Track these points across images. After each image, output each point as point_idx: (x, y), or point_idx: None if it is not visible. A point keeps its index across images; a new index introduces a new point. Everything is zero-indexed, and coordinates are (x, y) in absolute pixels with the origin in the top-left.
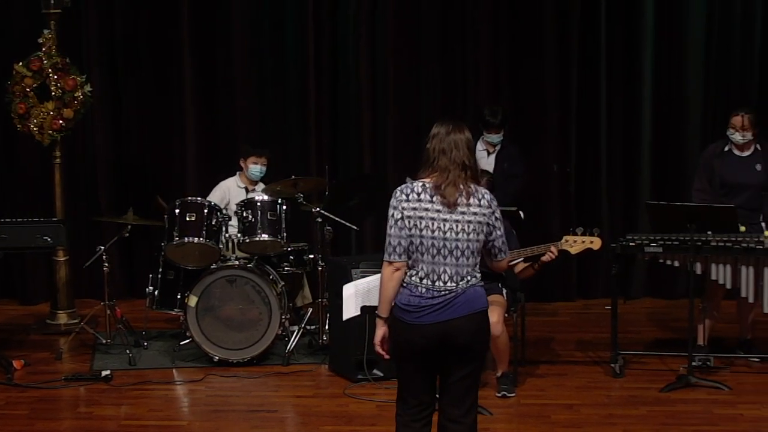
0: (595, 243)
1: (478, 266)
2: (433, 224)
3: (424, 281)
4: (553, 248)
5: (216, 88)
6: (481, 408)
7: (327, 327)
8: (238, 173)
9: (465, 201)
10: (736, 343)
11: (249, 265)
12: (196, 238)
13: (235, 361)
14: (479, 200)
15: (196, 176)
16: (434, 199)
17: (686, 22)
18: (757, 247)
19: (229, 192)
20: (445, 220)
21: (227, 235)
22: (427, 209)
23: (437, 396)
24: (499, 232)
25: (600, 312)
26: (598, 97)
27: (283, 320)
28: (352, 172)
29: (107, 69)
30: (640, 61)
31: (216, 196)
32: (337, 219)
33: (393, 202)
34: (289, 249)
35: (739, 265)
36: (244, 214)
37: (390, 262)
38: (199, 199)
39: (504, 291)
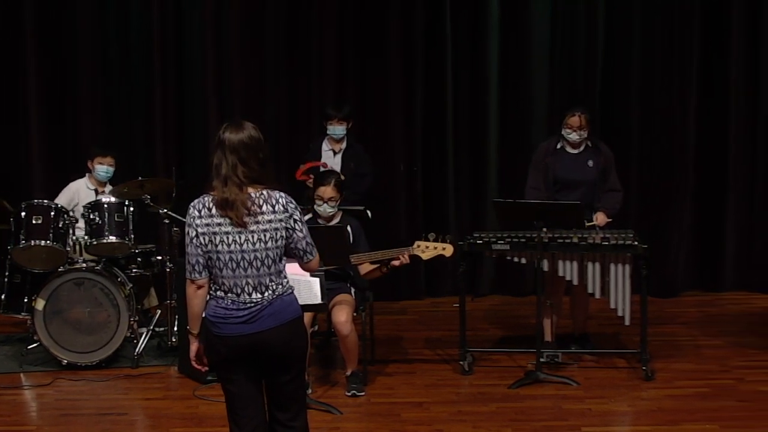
0: (447, 250)
1: (283, 272)
2: (228, 238)
3: (229, 294)
4: (404, 253)
5: (61, 89)
6: (330, 407)
7: (176, 329)
8: (87, 175)
9: (258, 210)
10: (571, 338)
11: (97, 268)
12: (43, 241)
13: (83, 364)
14: (273, 206)
15: (43, 179)
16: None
17: (531, 20)
18: (603, 243)
19: (78, 194)
20: (239, 232)
21: (74, 238)
22: (220, 224)
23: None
24: (300, 234)
25: (448, 310)
26: (443, 96)
27: (132, 322)
28: (200, 172)
29: None
30: (486, 60)
31: (64, 197)
32: (184, 220)
33: (187, 219)
34: (136, 251)
35: (585, 261)
36: (91, 216)
37: (192, 281)
38: (45, 201)
39: (352, 290)
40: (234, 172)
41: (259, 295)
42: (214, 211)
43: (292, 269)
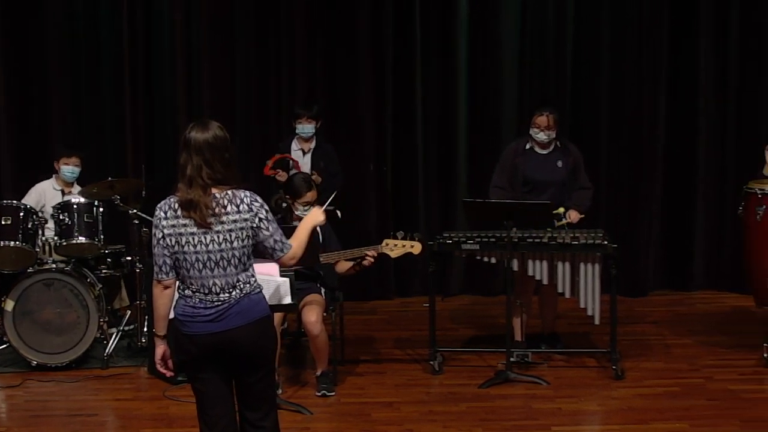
0: (416, 248)
1: (251, 271)
2: (194, 239)
3: (197, 294)
4: (372, 252)
5: (29, 89)
6: (300, 407)
7: (145, 329)
8: (54, 176)
9: (223, 211)
10: (540, 338)
11: (66, 268)
12: (12, 242)
13: (53, 365)
14: (238, 206)
15: (11, 179)
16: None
17: (500, 20)
18: (573, 242)
19: (44, 195)
20: (205, 233)
21: (44, 238)
22: (185, 225)
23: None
24: (267, 232)
25: (418, 310)
26: (413, 95)
27: (102, 323)
28: (169, 173)
29: None
30: (455, 59)
31: (31, 198)
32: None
33: (154, 220)
34: (106, 251)
35: (555, 261)
36: (61, 217)
37: (159, 281)
38: (14, 202)
39: (322, 290)
40: (198, 174)
41: (227, 294)
42: (179, 212)
43: (263, 269)
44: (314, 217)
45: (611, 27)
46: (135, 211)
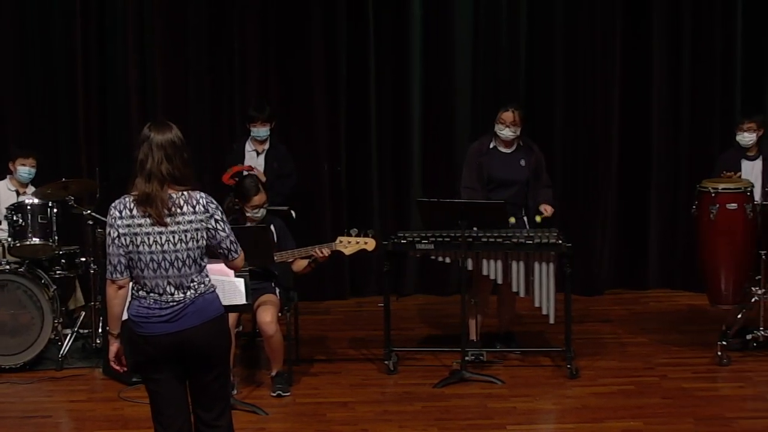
0: (369, 244)
1: (205, 271)
2: (149, 239)
3: (152, 294)
4: (326, 249)
5: None
6: (255, 408)
7: (100, 330)
8: (8, 177)
9: (179, 211)
10: (496, 337)
11: (20, 270)
12: None
13: (7, 366)
14: (194, 207)
15: None
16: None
17: (454, 17)
18: (527, 242)
19: None
20: (160, 233)
21: None
22: (141, 225)
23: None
24: (223, 234)
25: (373, 309)
26: (367, 95)
27: (56, 324)
28: (124, 173)
29: None
30: (409, 57)
31: None
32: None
33: (109, 219)
34: (60, 252)
35: (509, 260)
36: (15, 218)
37: (113, 281)
38: None
39: (277, 290)
40: (159, 169)
41: (182, 295)
42: (135, 212)
43: (217, 270)
44: None
45: (565, 28)
46: (89, 211)
